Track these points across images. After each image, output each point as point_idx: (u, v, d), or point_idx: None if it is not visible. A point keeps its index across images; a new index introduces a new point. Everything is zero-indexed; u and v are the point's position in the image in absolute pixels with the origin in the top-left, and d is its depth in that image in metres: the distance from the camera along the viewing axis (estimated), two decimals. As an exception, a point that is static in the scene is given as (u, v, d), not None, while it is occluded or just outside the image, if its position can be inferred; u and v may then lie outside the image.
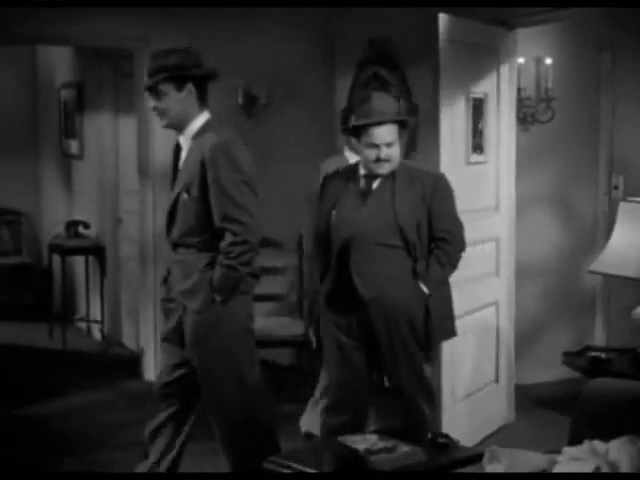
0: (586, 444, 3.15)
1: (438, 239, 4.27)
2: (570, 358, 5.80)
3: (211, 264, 3.91)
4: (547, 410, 6.03)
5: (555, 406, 5.98)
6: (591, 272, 5.76)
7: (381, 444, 3.63)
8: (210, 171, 3.87)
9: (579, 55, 6.68)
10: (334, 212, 4.32)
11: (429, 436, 3.81)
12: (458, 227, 4.35)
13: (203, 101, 4.03)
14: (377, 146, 4.23)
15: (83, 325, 8.43)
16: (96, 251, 7.99)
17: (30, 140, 9.43)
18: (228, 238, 3.85)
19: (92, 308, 8.27)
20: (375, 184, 4.30)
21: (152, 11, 6.33)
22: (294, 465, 3.54)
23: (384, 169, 4.27)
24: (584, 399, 3.50)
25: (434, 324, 4.29)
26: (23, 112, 9.42)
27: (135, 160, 6.91)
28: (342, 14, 6.68)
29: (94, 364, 7.31)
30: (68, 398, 6.28)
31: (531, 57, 6.43)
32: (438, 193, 4.27)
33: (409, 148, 6.11)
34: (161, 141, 6.20)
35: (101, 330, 8.03)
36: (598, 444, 3.12)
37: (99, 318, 8.05)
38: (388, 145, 4.24)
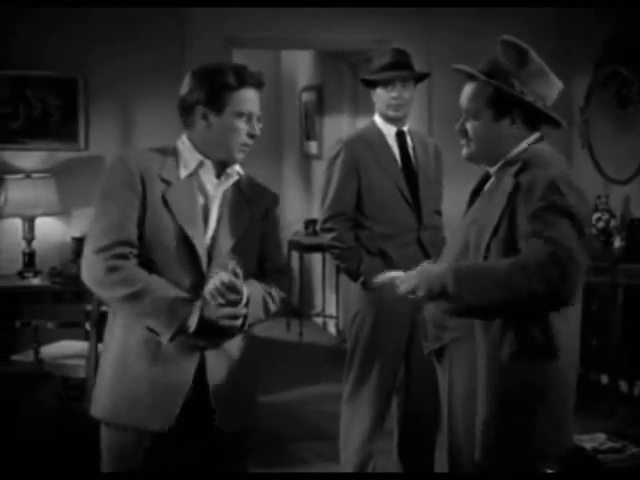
0: None
1: None
2: None
3: None
4: None
5: None
6: None
7: (609, 444, 3.59)
8: None
9: None
10: None
11: (661, 439, 3.71)
12: None
13: None
14: None
15: (319, 320, 8.71)
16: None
17: (275, 141, 9.83)
18: None
19: (328, 304, 8.53)
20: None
21: (390, 14, 6.47)
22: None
23: None
24: None
25: None
26: (269, 115, 9.81)
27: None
28: (577, 13, 6.56)
29: (329, 358, 7.47)
30: (306, 388, 6.50)
31: None
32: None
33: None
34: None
35: (336, 325, 8.26)
36: None
37: (334, 314, 8.30)
38: None
